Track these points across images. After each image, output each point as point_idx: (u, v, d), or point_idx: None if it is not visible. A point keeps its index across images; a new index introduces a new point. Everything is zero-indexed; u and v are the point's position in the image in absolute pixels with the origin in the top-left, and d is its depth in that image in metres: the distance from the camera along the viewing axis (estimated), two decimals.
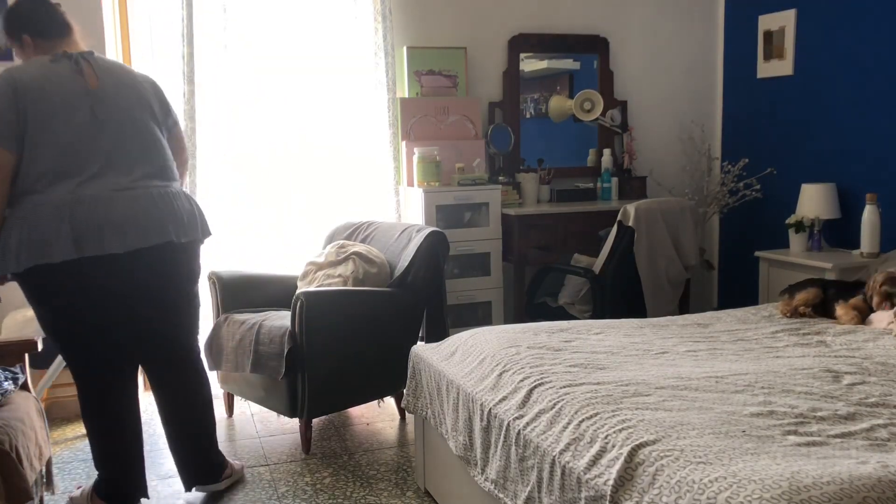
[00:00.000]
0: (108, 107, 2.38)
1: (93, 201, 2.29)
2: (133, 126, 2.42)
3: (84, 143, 2.33)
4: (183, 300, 2.59)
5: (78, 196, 2.28)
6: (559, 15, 4.43)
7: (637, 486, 1.56)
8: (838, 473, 1.42)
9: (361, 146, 4.05)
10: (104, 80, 2.40)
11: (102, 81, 2.39)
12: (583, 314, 3.87)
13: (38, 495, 2.33)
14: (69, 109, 2.32)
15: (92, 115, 2.34)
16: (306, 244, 3.93)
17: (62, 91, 2.33)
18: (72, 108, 2.33)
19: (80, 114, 2.33)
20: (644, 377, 2.06)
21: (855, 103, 3.86)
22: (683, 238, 3.82)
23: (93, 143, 2.34)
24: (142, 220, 2.35)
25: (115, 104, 2.39)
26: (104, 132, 2.36)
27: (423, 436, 2.70)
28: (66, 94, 2.33)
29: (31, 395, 2.44)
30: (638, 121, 4.63)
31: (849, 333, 2.55)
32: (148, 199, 2.39)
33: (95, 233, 2.27)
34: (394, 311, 3.26)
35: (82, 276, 2.31)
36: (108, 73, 2.43)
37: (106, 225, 2.29)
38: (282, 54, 3.94)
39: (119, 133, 2.39)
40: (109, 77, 2.42)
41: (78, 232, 2.26)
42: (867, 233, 3.59)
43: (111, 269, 2.33)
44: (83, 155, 2.32)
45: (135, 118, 2.43)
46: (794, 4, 4.14)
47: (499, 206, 4.00)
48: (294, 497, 2.74)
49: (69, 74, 2.36)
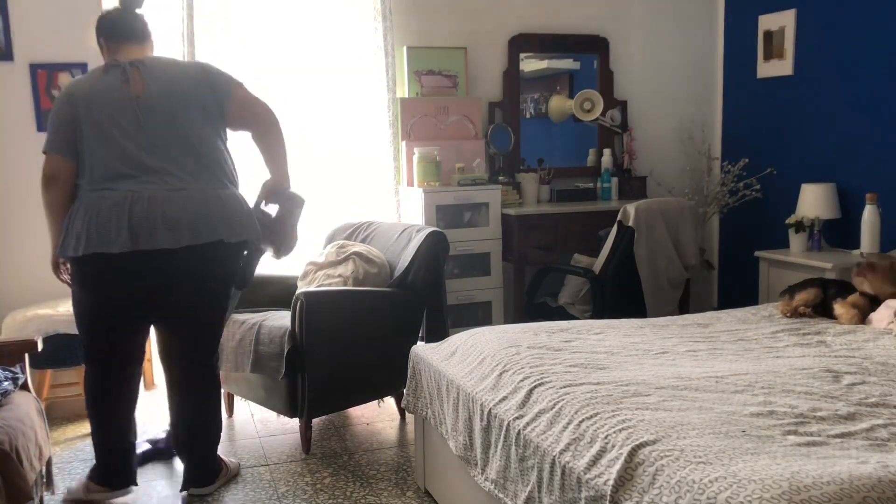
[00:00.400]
0: (153, 113, 2.50)
1: (150, 200, 2.44)
2: (180, 129, 2.52)
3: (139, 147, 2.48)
4: (216, 296, 2.65)
5: (134, 194, 2.44)
6: (559, 15, 4.43)
7: (637, 486, 1.56)
8: (838, 473, 1.42)
9: (361, 146, 4.05)
10: (150, 87, 2.51)
11: (149, 88, 2.51)
12: (583, 314, 3.87)
13: (38, 495, 2.33)
14: (118, 117, 2.48)
15: (137, 121, 2.48)
16: (306, 244, 3.93)
17: (110, 100, 2.49)
18: (121, 116, 2.48)
19: (126, 121, 2.48)
20: (644, 377, 2.06)
21: (855, 103, 3.86)
22: (683, 238, 3.82)
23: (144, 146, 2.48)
24: (194, 219, 2.46)
25: (160, 110, 2.51)
26: (153, 137, 2.49)
27: (423, 436, 2.70)
28: (116, 104, 2.49)
29: (31, 395, 2.44)
30: (638, 121, 4.63)
31: (849, 333, 2.55)
32: (198, 198, 2.49)
33: (151, 229, 2.42)
34: (394, 311, 3.26)
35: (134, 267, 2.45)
36: (157, 80, 2.54)
37: (161, 221, 2.43)
38: (282, 54, 3.94)
39: (166, 137, 2.50)
40: (157, 83, 2.53)
41: (134, 227, 2.41)
42: (867, 233, 3.59)
43: (162, 264, 2.46)
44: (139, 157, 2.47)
45: (181, 122, 2.53)
46: (794, 4, 4.14)
47: (499, 206, 4.00)
48: (294, 497, 2.74)
49: (117, 83, 2.51)
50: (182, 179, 2.49)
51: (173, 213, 2.44)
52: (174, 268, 2.49)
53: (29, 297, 3.50)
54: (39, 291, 3.48)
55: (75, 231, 2.44)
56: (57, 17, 3.50)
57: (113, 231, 2.40)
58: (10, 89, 3.49)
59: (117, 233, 2.40)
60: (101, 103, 2.49)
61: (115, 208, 2.41)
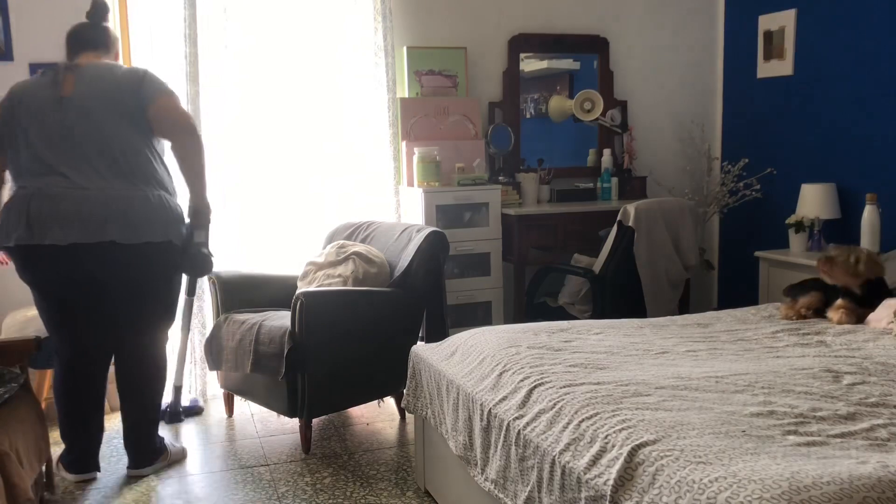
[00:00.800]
0: (77, 114, 2.61)
1: (47, 197, 2.56)
2: (99, 132, 2.62)
3: (52, 146, 2.59)
4: (128, 297, 2.75)
5: (37, 190, 2.57)
6: (559, 15, 4.43)
7: (637, 486, 1.57)
8: (838, 473, 1.42)
9: (361, 146, 4.04)
10: (80, 90, 2.65)
11: (78, 90, 2.63)
12: (583, 314, 3.87)
13: (37, 495, 2.34)
14: (41, 116, 2.61)
15: (60, 121, 2.60)
16: (306, 244, 3.93)
17: (37, 101, 2.63)
18: (42, 115, 2.62)
19: (49, 120, 2.60)
20: (644, 377, 2.06)
21: (855, 103, 3.86)
22: (683, 238, 3.82)
23: (59, 145, 2.60)
24: (86, 218, 2.55)
25: (84, 111, 2.61)
26: (70, 136, 2.60)
27: (423, 436, 2.70)
28: (41, 104, 2.62)
29: (31, 395, 2.44)
30: (638, 121, 4.63)
31: (849, 333, 2.55)
32: (98, 199, 2.58)
33: (43, 224, 2.54)
34: (394, 311, 3.26)
35: (36, 259, 2.61)
36: (88, 83, 2.65)
37: (53, 218, 2.54)
38: (282, 54, 3.93)
39: (84, 137, 2.60)
40: (87, 86, 2.64)
41: (31, 221, 2.55)
42: (867, 233, 3.59)
43: (56, 258, 2.58)
44: (50, 156, 2.59)
45: (102, 125, 2.62)
46: (794, 4, 4.14)
47: (499, 206, 4.00)
48: (294, 497, 2.74)
49: (48, 85, 2.64)
50: (89, 179, 2.58)
51: (67, 210, 2.54)
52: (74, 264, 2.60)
53: (29, 298, 3.49)
54: None
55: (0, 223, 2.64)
56: (57, 17, 3.49)
57: (13, 225, 2.57)
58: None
59: (16, 226, 2.56)
60: (29, 103, 2.63)
61: (20, 203, 2.57)
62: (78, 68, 2.68)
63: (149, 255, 2.68)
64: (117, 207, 2.59)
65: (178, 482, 2.88)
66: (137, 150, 2.67)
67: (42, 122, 2.60)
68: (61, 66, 2.69)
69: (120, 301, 2.75)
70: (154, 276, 2.76)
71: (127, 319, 2.79)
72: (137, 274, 2.71)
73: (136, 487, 2.83)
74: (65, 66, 2.68)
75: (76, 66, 2.68)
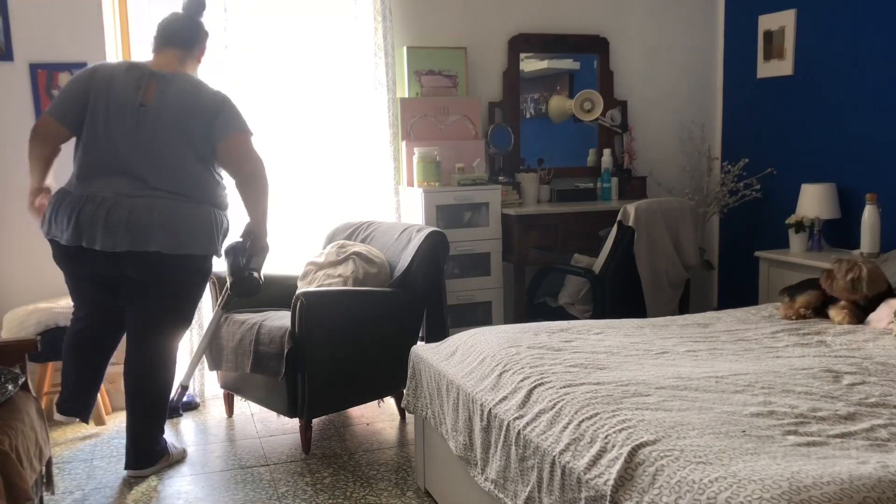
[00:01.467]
0: (150, 125, 2.66)
1: (102, 200, 2.64)
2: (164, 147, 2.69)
3: (116, 150, 2.66)
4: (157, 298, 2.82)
5: (91, 194, 2.65)
6: (559, 15, 4.43)
7: (637, 486, 1.57)
8: (838, 473, 1.42)
9: (361, 146, 4.04)
10: (160, 101, 2.66)
11: (158, 101, 2.66)
12: (583, 314, 3.87)
13: (37, 495, 2.34)
14: (117, 116, 2.66)
15: (134, 128, 2.65)
16: (306, 244, 3.93)
17: (118, 99, 2.67)
18: (120, 116, 2.66)
19: (124, 124, 2.66)
20: (644, 377, 2.06)
21: (855, 103, 3.86)
22: (683, 238, 3.83)
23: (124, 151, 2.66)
24: (133, 226, 2.63)
25: (156, 126, 2.67)
26: (136, 145, 2.66)
27: (423, 436, 2.70)
28: (120, 103, 2.67)
29: (31, 395, 2.44)
30: (638, 121, 4.63)
31: (849, 333, 2.55)
32: (147, 207, 2.65)
33: (92, 228, 2.63)
34: (394, 311, 3.26)
35: (80, 258, 2.71)
36: (168, 97, 2.69)
37: (103, 225, 2.62)
38: (282, 54, 3.93)
39: (148, 149, 2.67)
40: (166, 101, 2.71)
41: (80, 225, 2.64)
42: (867, 233, 3.59)
43: (99, 261, 2.69)
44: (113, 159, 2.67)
45: (168, 144, 2.68)
46: (794, 4, 4.14)
47: (499, 206, 4.00)
48: (294, 497, 2.74)
49: (133, 85, 2.68)
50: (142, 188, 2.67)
51: (117, 217, 2.62)
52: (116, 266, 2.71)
53: (29, 297, 3.50)
54: (39, 291, 3.49)
55: (47, 215, 2.74)
56: (57, 17, 3.50)
57: (64, 224, 2.67)
58: (10, 89, 3.49)
59: (66, 227, 2.66)
60: (109, 97, 2.67)
61: (74, 203, 2.66)
62: (163, 78, 2.71)
63: (188, 266, 2.77)
64: (164, 218, 2.66)
65: (178, 482, 2.88)
66: (199, 176, 2.75)
67: (116, 124, 2.66)
68: (147, 72, 2.72)
69: (142, 302, 2.82)
70: (187, 284, 2.84)
71: (145, 319, 2.85)
72: (172, 281, 2.79)
73: (137, 487, 2.83)
74: (150, 73, 2.72)
75: (162, 76, 2.72)
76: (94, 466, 3.01)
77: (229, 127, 2.74)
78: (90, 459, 3.08)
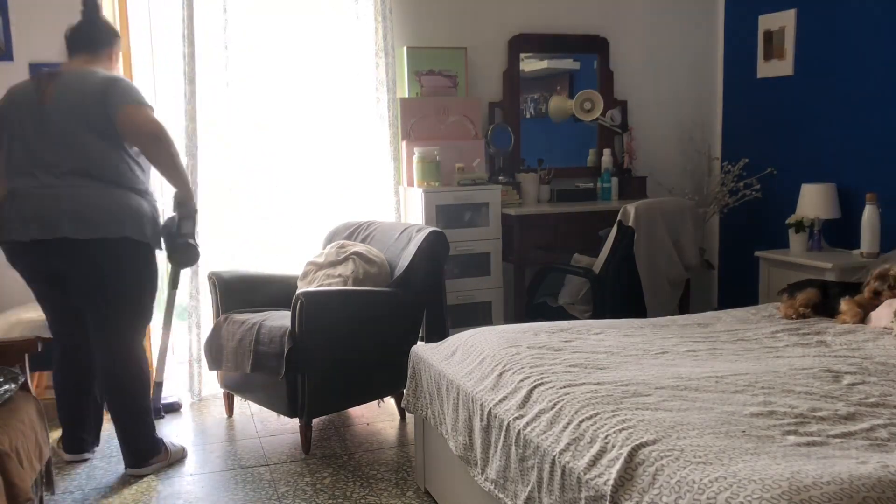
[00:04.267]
0: (50, 122, 2.73)
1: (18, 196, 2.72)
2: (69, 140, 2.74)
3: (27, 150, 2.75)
4: (90, 293, 2.82)
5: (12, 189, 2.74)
6: (559, 15, 4.43)
7: (637, 486, 1.56)
8: (838, 473, 1.42)
9: (361, 146, 4.04)
10: (58, 97, 2.74)
11: (56, 98, 2.74)
12: (583, 314, 3.87)
13: (37, 495, 2.33)
14: (21, 121, 2.77)
15: (36, 127, 2.74)
16: (306, 244, 3.93)
17: (20, 106, 2.78)
18: (22, 120, 2.77)
19: (27, 126, 2.75)
20: (644, 377, 2.06)
21: (855, 103, 3.86)
22: (683, 238, 3.82)
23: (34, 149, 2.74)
24: (43, 215, 2.68)
25: (55, 120, 2.73)
26: (43, 141, 2.74)
27: (423, 436, 2.70)
28: (22, 110, 2.77)
29: (31, 395, 2.44)
30: (638, 121, 4.63)
31: (849, 333, 2.55)
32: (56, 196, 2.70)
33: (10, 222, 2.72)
34: (394, 311, 3.26)
35: (12, 254, 2.82)
36: (64, 91, 2.75)
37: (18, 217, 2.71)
38: (282, 54, 3.93)
39: (55, 144, 2.73)
40: (62, 96, 2.74)
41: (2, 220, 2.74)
42: (867, 233, 3.59)
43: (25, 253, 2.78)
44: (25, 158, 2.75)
45: (72, 135, 2.74)
46: (794, 4, 4.14)
47: (499, 206, 4.00)
48: (294, 497, 2.74)
49: (31, 92, 2.78)
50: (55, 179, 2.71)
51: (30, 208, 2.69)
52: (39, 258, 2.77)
53: (18, 300, 3.46)
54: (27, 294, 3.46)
55: None
56: (57, 17, 3.48)
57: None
58: None
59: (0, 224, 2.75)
60: (14, 109, 2.79)
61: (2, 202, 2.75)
62: (59, 76, 2.79)
63: (109, 251, 2.76)
64: (71, 204, 2.69)
65: (178, 482, 2.88)
66: (106, 156, 2.76)
67: (22, 126, 2.75)
68: (44, 74, 2.84)
69: (83, 296, 2.83)
70: (113, 272, 2.80)
71: (93, 316, 2.86)
72: (94, 269, 2.78)
73: (136, 487, 2.83)
74: (47, 74, 2.82)
75: (58, 75, 2.80)
76: (94, 466, 3.01)
77: (120, 100, 2.75)
78: (90, 459, 3.08)
